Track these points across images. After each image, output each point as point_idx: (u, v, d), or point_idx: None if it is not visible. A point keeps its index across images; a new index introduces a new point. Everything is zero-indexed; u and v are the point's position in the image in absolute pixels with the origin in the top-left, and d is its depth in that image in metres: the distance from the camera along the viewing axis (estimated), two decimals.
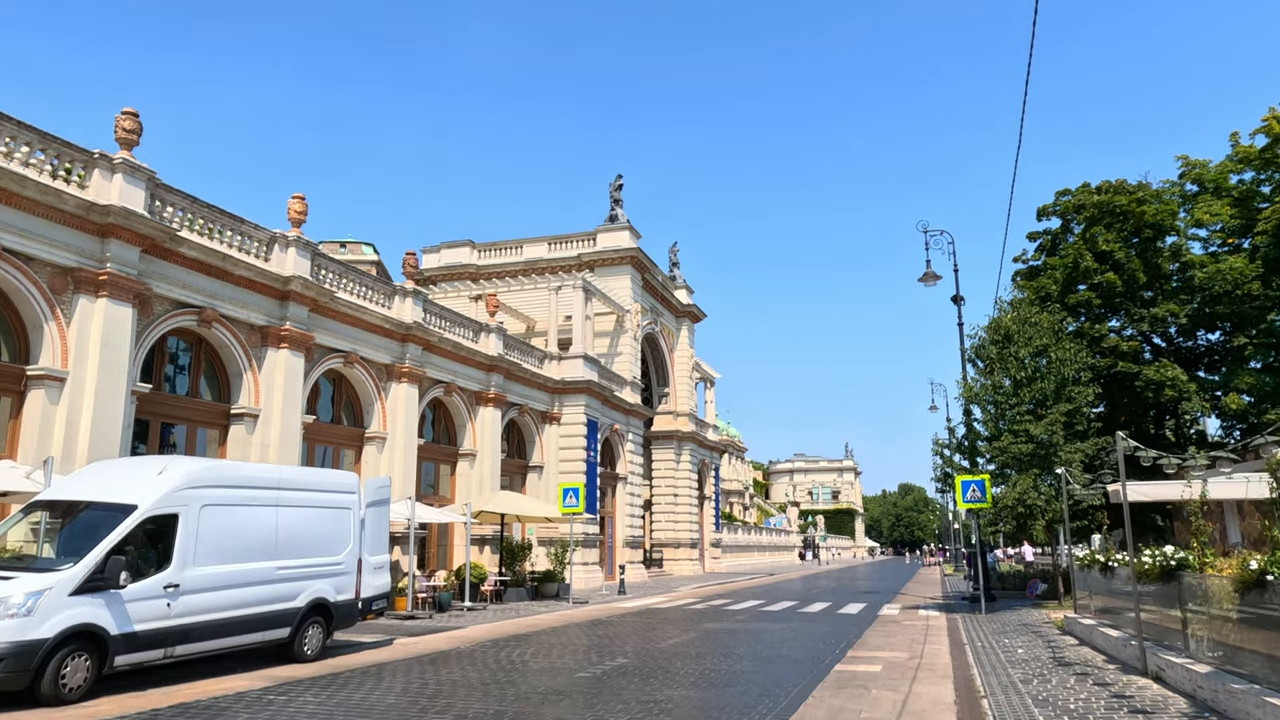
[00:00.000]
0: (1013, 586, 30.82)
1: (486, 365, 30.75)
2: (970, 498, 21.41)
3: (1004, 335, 22.72)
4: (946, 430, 23.54)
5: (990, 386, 22.62)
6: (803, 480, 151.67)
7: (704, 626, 18.58)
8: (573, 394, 35.65)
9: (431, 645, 14.79)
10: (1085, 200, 26.24)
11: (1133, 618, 12.33)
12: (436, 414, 29.68)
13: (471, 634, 16.73)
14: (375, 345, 25.39)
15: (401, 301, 26.62)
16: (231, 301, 20.46)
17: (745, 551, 70.24)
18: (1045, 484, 21.27)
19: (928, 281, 28.30)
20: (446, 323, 29.09)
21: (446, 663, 12.69)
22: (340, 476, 13.98)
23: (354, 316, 24.41)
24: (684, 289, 52.94)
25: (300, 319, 22.24)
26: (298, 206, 22.90)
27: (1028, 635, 16.16)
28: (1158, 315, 23.83)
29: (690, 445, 51.11)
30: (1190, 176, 25.64)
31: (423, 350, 27.18)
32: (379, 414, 25.74)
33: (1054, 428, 21.22)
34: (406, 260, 27.57)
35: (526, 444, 34.94)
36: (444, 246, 45.31)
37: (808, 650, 14.50)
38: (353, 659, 12.94)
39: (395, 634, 16.44)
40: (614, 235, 42.83)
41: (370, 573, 13.91)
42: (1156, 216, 24.00)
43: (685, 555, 49.27)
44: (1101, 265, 24.63)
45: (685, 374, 51.78)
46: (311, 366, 23.15)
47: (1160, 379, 22.95)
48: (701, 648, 14.74)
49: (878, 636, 16.76)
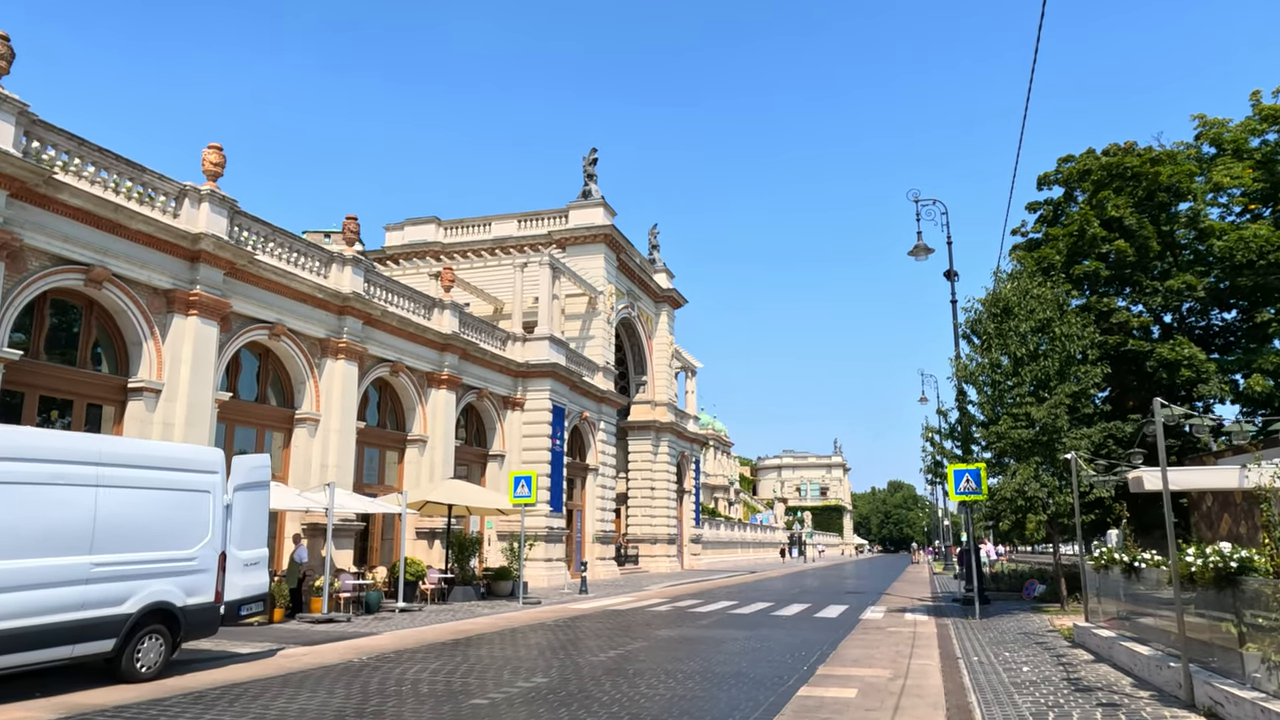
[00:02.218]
0: (1007, 587, 28.54)
1: (439, 344, 28.24)
2: (964, 489, 19.06)
3: (1002, 308, 20.34)
4: (938, 415, 21.07)
5: (987, 365, 20.24)
6: (791, 476, 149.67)
7: (659, 633, 16.17)
8: (537, 378, 33.17)
9: (320, 658, 12.33)
10: (1091, 165, 23.88)
11: (1169, 631, 9.97)
12: (383, 395, 27.18)
13: (379, 643, 14.26)
14: (307, 316, 22.87)
15: (340, 270, 24.10)
16: (128, 260, 17.93)
17: (728, 548, 67.91)
18: (1048, 474, 18.89)
19: (918, 255, 25.93)
20: (393, 295, 26.57)
21: (314, 685, 10.23)
22: (194, 452, 11.43)
23: (280, 283, 21.88)
24: (664, 273, 50.48)
25: (214, 283, 19.72)
26: (213, 158, 20.37)
27: (1032, 648, 13.79)
28: (1173, 288, 21.43)
29: (669, 436, 48.68)
30: (1208, 137, 23.28)
31: (364, 324, 24.67)
32: (311, 393, 23.23)
33: (1057, 411, 18.88)
34: (347, 225, 25.03)
35: (487, 431, 32.45)
36: (408, 223, 42.77)
37: (771, 666, 12.10)
38: (201, 678, 10.46)
39: (290, 642, 13.96)
40: (587, 212, 40.33)
41: (239, 570, 11.42)
42: (1173, 178, 21.61)
43: (662, 552, 46.86)
44: (1110, 233, 22.26)
45: (664, 362, 49.33)
46: (229, 337, 20.64)
47: (1175, 358, 20.60)
48: (645, 662, 12.31)
49: (857, 647, 14.37)
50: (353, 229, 24.94)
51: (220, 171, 20.45)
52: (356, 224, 25.14)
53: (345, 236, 24.83)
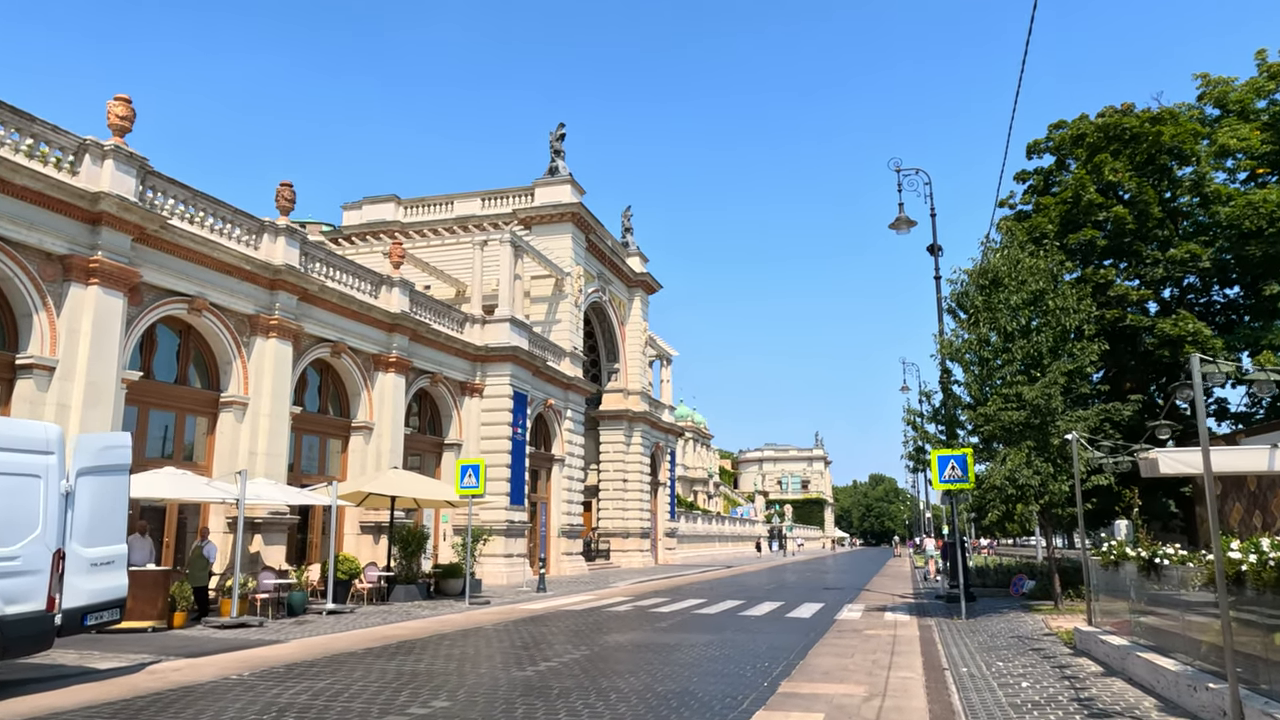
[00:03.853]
0: (994, 583, 26.92)
1: (387, 324, 26.24)
2: (948, 476, 17.34)
3: (991, 280, 18.59)
4: (921, 398, 19.29)
5: (974, 341, 18.50)
6: (772, 469, 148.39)
7: (609, 639, 14.32)
8: (497, 362, 31.21)
9: (191, 675, 10.38)
10: (1085, 129, 22.16)
11: (1200, 641, 8.22)
12: (324, 379, 25.15)
13: (277, 654, 12.32)
14: (233, 290, 20.86)
15: (272, 240, 22.07)
16: (12, 221, 15.91)
17: (705, 542, 66.20)
18: (1041, 459, 17.17)
19: (900, 228, 24.16)
20: (334, 270, 24.53)
21: (157, 712, 8.30)
22: (19, 428, 9.43)
23: (201, 253, 19.86)
24: (637, 256, 48.57)
25: (118, 249, 17.70)
26: (120, 110, 18.33)
27: (1028, 655, 12.05)
28: (1176, 258, 19.73)
29: (642, 426, 46.83)
30: (1211, 97, 21.61)
31: (299, 300, 22.65)
32: (239, 374, 21.20)
33: (1051, 390, 17.15)
34: (280, 193, 22.94)
35: (442, 418, 30.46)
36: (366, 202, 40.56)
37: (726, 682, 10.29)
38: (24, 704, 8.50)
39: (173, 653, 12.01)
40: (554, 189, 38.33)
41: (83, 572, 9.46)
42: (1175, 139, 19.91)
43: (635, 546, 45.03)
44: (1108, 199, 20.55)
45: (637, 349, 47.44)
46: (140, 311, 18.62)
47: (1178, 334, 18.93)
48: (578, 677, 10.46)
49: (828, 655, 12.58)
50: (287, 196, 22.87)
51: (128, 126, 18.39)
52: (291, 191, 23.06)
53: (279, 204, 22.76)
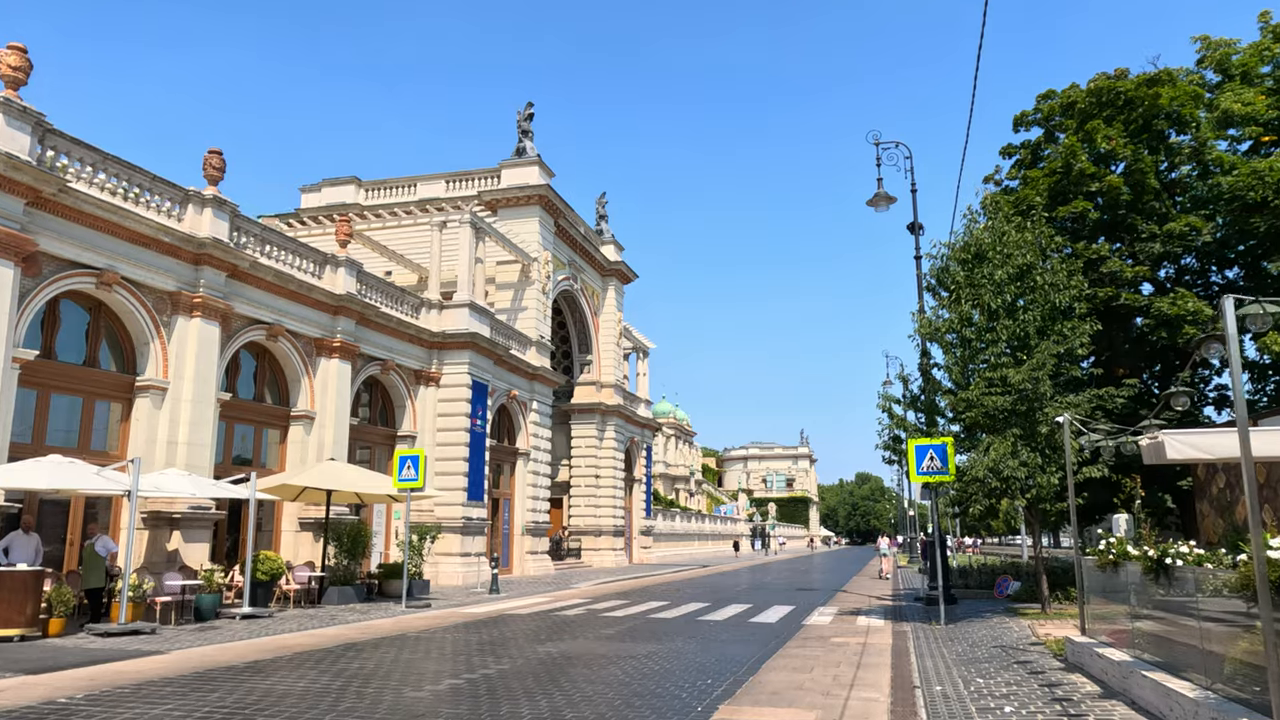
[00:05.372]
0: (976, 584, 25.36)
1: (331, 306, 24.47)
2: (927, 468, 15.74)
3: (974, 253, 17.01)
4: (898, 381, 17.68)
5: (955, 320, 16.92)
6: (757, 467, 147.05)
7: (539, 649, 12.66)
8: (455, 349, 29.47)
9: (11, 699, 8.66)
10: (1076, 97, 20.65)
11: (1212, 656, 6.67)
12: (261, 364, 23.37)
13: (140, 669, 10.58)
14: (151, 264, 19.09)
15: (198, 212, 20.30)
16: None
17: (684, 540, 64.59)
18: (1028, 449, 15.60)
19: (878, 204, 22.60)
20: (269, 246, 22.74)
21: None
22: None
23: (111, 221, 18.07)
24: (612, 244, 46.89)
25: (8, 213, 15.95)
26: (13, 59, 16.52)
27: (1013, 670, 10.45)
28: (1175, 231, 18.22)
29: (616, 421, 45.18)
30: (1212, 61, 20.08)
31: (227, 277, 20.87)
32: (157, 357, 19.43)
33: (1039, 373, 15.61)
34: (208, 160, 21.14)
35: (395, 409, 28.71)
36: (325, 184, 38.78)
37: (650, 707, 8.67)
38: None
39: (19, 668, 10.27)
40: (521, 171, 36.61)
41: None
42: (1175, 102, 18.42)
43: (607, 545, 43.38)
44: (1102, 169, 19.01)
45: (611, 340, 45.78)
46: (37, 284, 16.86)
47: (1177, 313, 17.45)
48: (467, 705, 8.78)
49: (785, 670, 10.95)
50: (215, 164, 21.07)
51: (22, 79, 16.61)
52: (220, 159, 21.26)
53: (206, 173, 20.97)
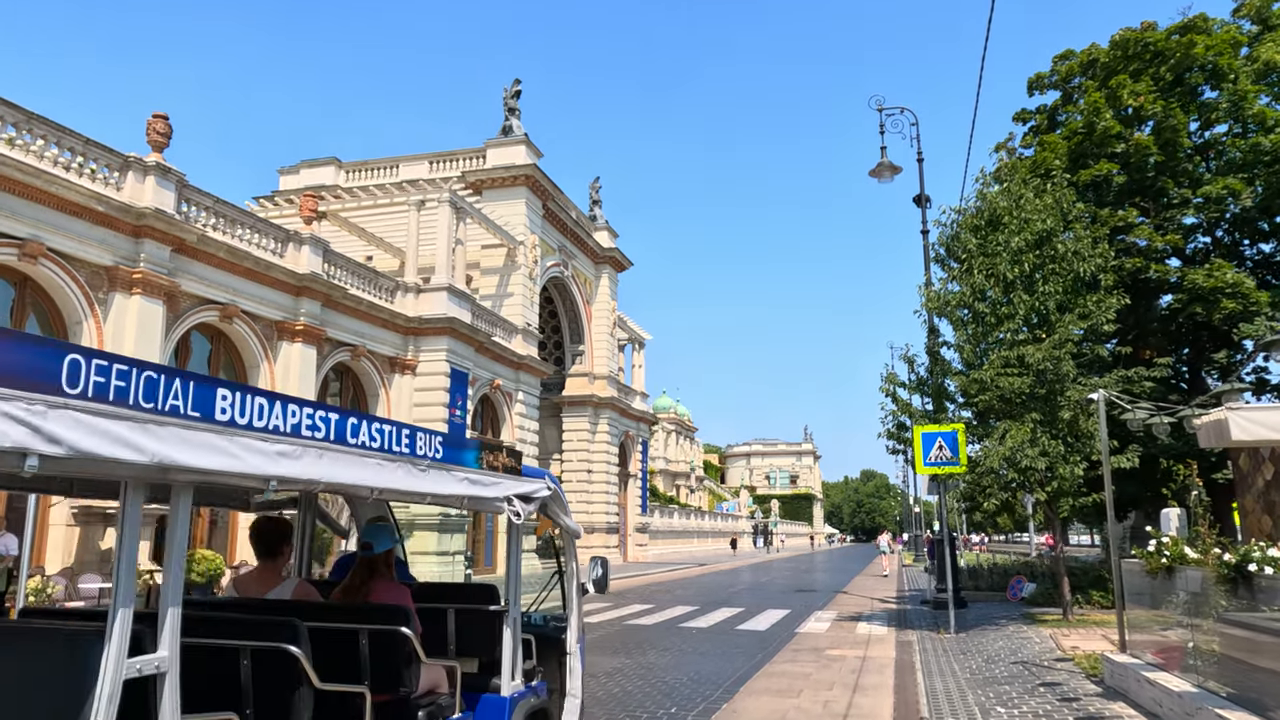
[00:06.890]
0: (987, 586, 23.59)
1: (294, 286, 22.80)
2: (935, 458, 14.02)
3: (988, 219, 15.24)
4: (903, 363, 15.91)
5: (967, 293, 15.15)
6: (760, 464, 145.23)
7: None
8: (432, 335, 27.77)
9: None
10: (1098, 54, 18.89)
11: None
12: (216, 348, 21.69)
13: None
14: (84, 236, 17.44)
15: (139, 181, 18.65)
16: None
17: (683, 538, 62.87)
18: (1049, 437, 13.84)
19: (881, 175, 20.83)
20: (223, 220, 21.07)
21: None
22: None
23: (37, 188, 16.40)
24: (606, 231, 45.13)
25: None
26: None
27: (1041, 695, 8.73)
28: (1212, 194, 16.44)
29: (610, 414, 43.46)
30: (1250, 10, 18.30)
31: (173, 252, 19.19)
32: (91, 336, 17.78)
33: (1060, 352, 13.84)
34: (152, 125, 19.47)
35: (368, 398, 27.01)
36: (304, 165, 37.08)
37: None
38: None
39: None
40: (507, 150, 34.88)
41: None
42: (1212, 52, 16.68)
43: (600, 543, 41.65)
44: (1128, 130, 17.24)
45: (605, 330, 44.05)
46: None
47: (1213, 286, 15.70)
48: None
49: (765, 695, 9.24)
50: (159, 130, 19.40)
51: None
52: (166, 124, 19.60)
53: (150, 139, 19.30)
